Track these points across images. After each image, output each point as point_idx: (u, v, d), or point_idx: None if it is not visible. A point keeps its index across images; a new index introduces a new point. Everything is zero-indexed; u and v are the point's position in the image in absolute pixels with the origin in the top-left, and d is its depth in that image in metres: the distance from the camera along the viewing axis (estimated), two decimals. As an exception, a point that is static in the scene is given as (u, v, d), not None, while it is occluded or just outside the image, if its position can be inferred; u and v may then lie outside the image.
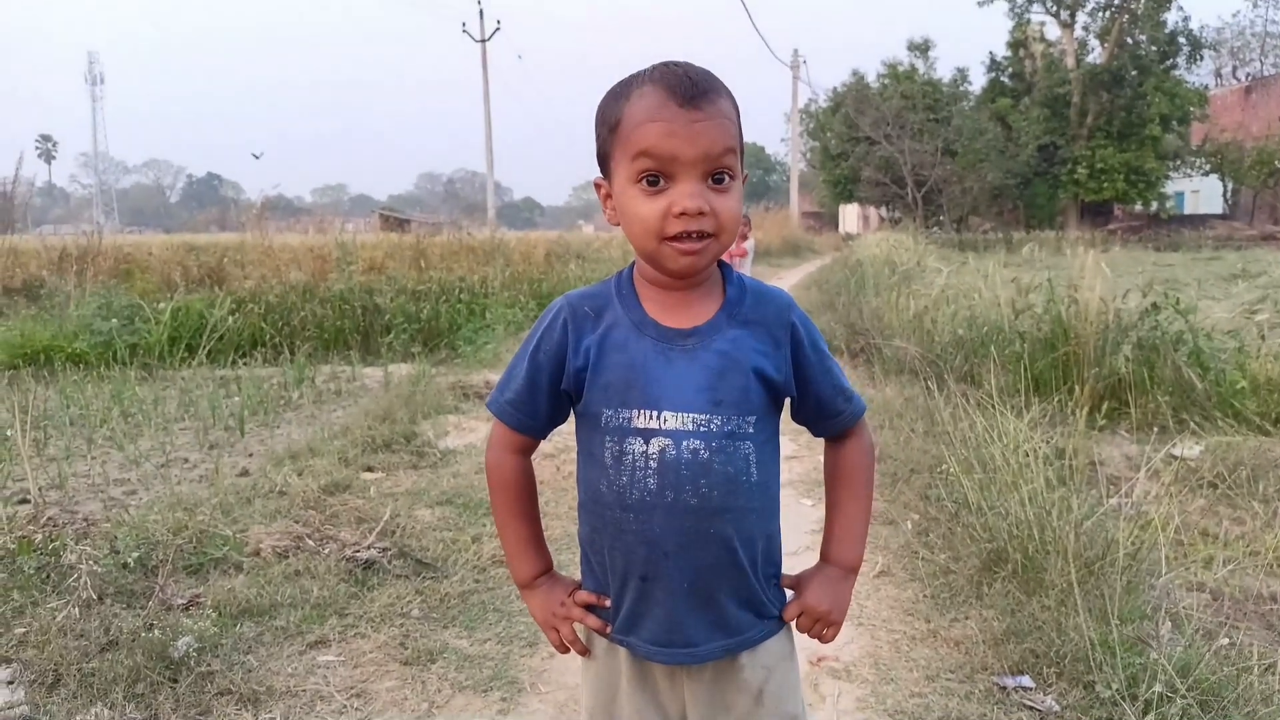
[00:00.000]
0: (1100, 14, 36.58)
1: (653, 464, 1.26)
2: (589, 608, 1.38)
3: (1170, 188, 39.48)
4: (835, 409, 1.38)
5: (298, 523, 3.68)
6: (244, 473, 4.59)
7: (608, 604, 1.36)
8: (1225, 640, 2.59)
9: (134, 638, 2.64)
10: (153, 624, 2.74)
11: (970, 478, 3.55)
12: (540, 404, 1.35)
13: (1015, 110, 36.39)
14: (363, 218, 35.70)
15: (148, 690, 2.45)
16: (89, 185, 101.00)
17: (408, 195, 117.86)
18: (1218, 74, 51.60)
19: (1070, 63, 36.20)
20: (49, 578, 3.01)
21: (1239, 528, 3.65)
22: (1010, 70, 38.65)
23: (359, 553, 3.40)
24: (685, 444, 1.25)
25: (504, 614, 3.08)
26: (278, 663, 2.71)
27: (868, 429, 1.44)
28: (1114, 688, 2.36)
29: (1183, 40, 36.05)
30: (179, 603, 2.99)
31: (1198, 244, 28.53)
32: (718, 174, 1.23)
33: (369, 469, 4.66)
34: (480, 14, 38.41)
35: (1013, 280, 6.90)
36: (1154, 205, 37.92)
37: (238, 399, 6.22)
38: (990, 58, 39.13)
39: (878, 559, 3.50)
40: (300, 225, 15.88)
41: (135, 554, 3.15)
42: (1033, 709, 2.44)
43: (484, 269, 11.44)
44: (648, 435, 1.26)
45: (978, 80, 39.26)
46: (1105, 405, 5.03)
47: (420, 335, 8.95)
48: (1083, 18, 36.96)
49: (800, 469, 4.74)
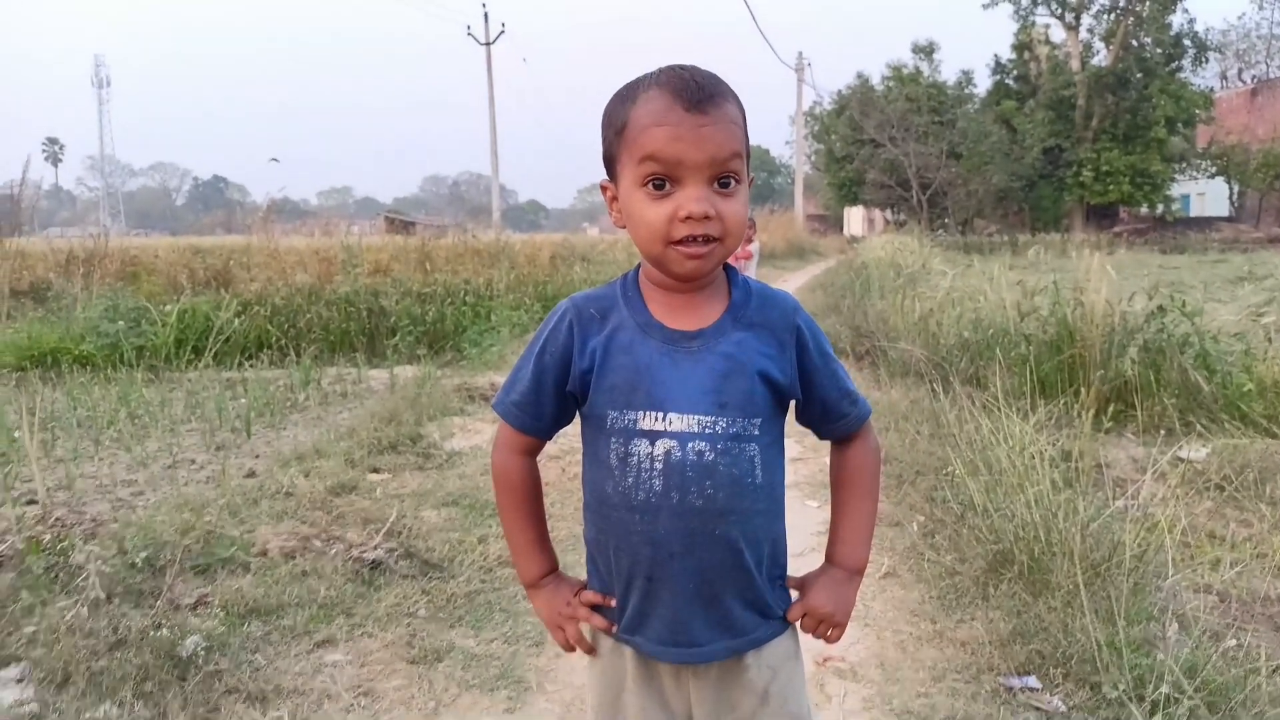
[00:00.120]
0: (1105, 16, 36.56)
1: (658, 465, 1.26)
2: (594, 607, 1.39)
3: (1176, 190, 39.44)
4: (840, 412, 1.37)
5: (304, 523, 3.69)
6: (251, 474, 4.61)
7: (613, 604, 1.36)
8: (1232, 642, 2.59)
9: (142, 637, 2.65)
10: (161, 623, 2.75)
11: (976, 479, 3.56)
12: (545, 406, 1.36)
13: (1020, 113, 36.33)
14: (368, 220, 35.81)
15: (156, 689, 2.46)
16: (95, 188, 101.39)
17: (413, 198, 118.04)
18: (1223, 76, 51.53)
19: (1075, 65, 36.15)
20: (57, 577, 3.02)
21: (1246, 530, 3.64)
22: (1015, 73, 38.59)
23: (365, 553, 3.41)
24: (691, 446, 1.26)
25: (510, 614, 3.09)
26: (285, 662, 2.73)
27: (873, 432, 1.43)
28: (1120, 688, 2.36)
29: (1188, 43, 36.01)
30: (187, 602, 3.00)
31: (1204, 246, 28.47)
32: (724, 178, 1.22)
33: (375, 470, 4.68)
34: (485, 17, 38.52)
35: (1018, 283, 6.89)
36: (1159, 208, 37.88)
37: (244, 401, 6.23)
38: (995, 60, 39.10)
39: (884, 560, 3.51)
40: (306, 228, 15.90)
41: (143, 554, 3.16)
42: (1039, 709, 2.44)
43: (489, 271, 11.48)
44: (653, 437, 1.26)
45: (982, 83, 39.23)
46: (1111, 408, 5.02)
47: (425, 337, 8.96)
48: (1088, 20, 36.93)
49: (805, 471, 4.74)
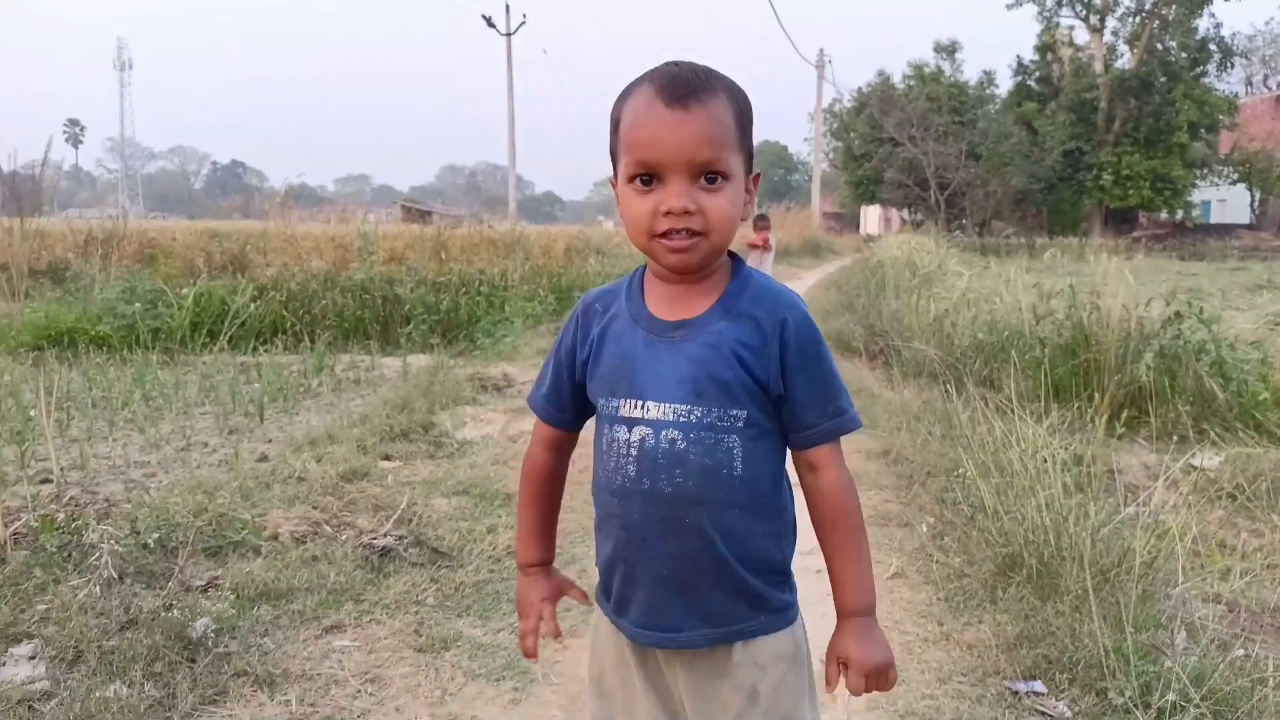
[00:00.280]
0: (1130, 19, 36.32)
1: (633, 451, 1.29)
2: (573, 595, 1.52)
3: (1197, 196, 39.14)
4: (807, 420, 1.30)
5: (316, 509, 3.71)
6: (263, 458, 4.64)
7: (590, 603, 1.45)
8: (1240, 652, 2.58)
9: (153, 617, 2.68)
10: (172, 604, 2.78)
11: (987, 482, 3.55)
12: (565, 398, 1.42)
13: (1041, 115, 36.14)
14: (385, 208, 35.96)
15: (166, 669, 2.48)
16: (115, 170, 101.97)
17: (430, 187, 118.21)
18: (1248, 82, 51.10)
19: (1098, 68, 35.92)
20: (70, 556, 3.05)
21: (1257, 540, 3.62)
22: (1037, 74, 38.39)
23: (375, 540, 3.43)
24: (664, 433, 1.27)
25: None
26: (294, 646, 2.75)
27: (844, 463, 1.33)
28: (1127, 695, 2.36)
29: (1213, 47, 35.74)
30: (198, 584, 3.03)
31: (1223, 254, 28.27)
32: (709, 174, 1.23)
33: (387, 457, 4.70)
34: (506, 8, 38.42)
35: (1034, 285, 6.87)
36: (1180, 213, 37.63)
37: (258, 385, 6.27)
38: (1017, 61, 38.94)
39: (892, 561, 3.50)
40: (323, 214, 16.01)
41: (155, 535, 3.19)
42: (1044, 714, 2.43)
43: (504, 262, 11.48)
44: (631, 424, 1.30)
45: (1004, 84, 39.10)
46: (1125, 413, 4.99)
47: (439, 326, 9.00)
48: (1112, 23, 36.73)
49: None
